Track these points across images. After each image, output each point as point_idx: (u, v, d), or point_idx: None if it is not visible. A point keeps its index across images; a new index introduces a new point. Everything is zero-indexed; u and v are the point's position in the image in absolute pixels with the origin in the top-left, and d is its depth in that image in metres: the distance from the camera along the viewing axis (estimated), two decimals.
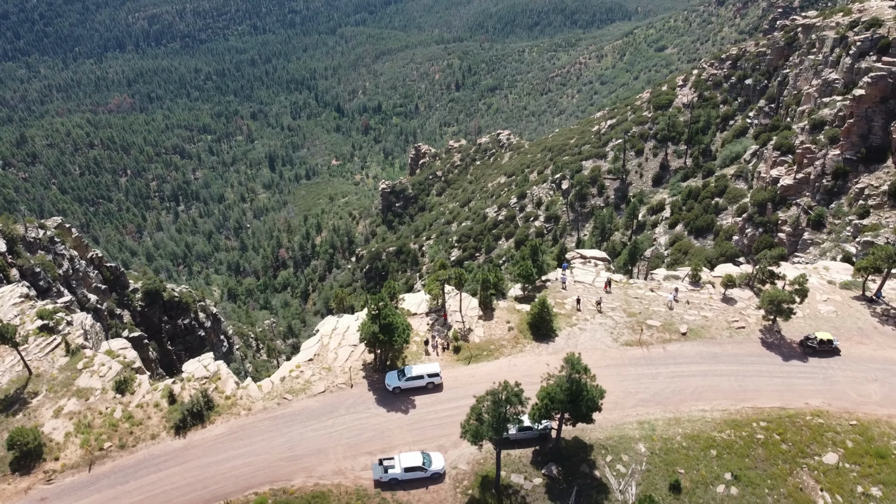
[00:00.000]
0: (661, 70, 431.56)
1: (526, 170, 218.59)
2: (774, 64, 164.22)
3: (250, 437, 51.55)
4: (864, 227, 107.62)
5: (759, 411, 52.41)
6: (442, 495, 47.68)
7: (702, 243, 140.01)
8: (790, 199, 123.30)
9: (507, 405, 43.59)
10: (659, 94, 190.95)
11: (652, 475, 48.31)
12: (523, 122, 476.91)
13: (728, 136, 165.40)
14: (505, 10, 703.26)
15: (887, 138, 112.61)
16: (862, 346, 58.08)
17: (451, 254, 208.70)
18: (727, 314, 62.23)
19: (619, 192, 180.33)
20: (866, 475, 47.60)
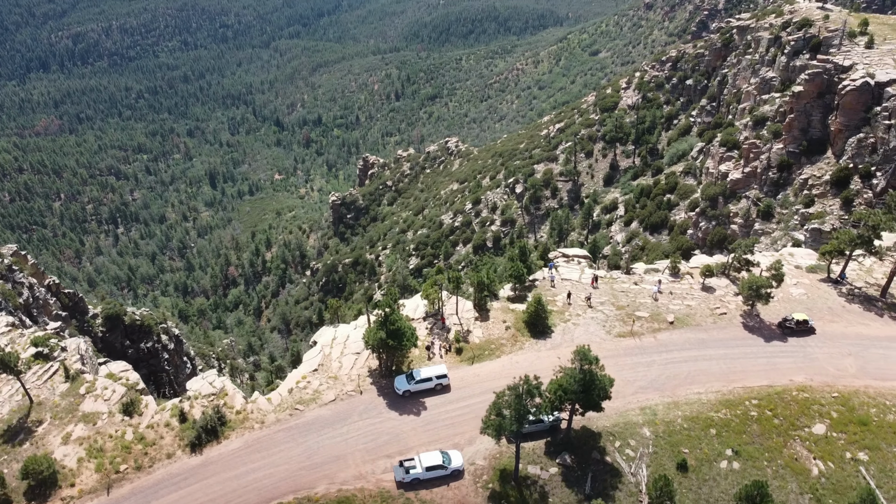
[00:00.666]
0: (597, 73, 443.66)
1: (478, 176, 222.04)
2: (713, 64, 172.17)
3: (267, 449, 52.03)
4: (811, 216, 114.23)
5: (749, 390, 55.89)
6: (464, 491, 49.27)
7: (657, 239, 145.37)
8: (739, 192, 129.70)
9: (529, 398, 45.55)
10: (604, 97, 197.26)
11: (659, 456, 51.05)
12: (465, 129, 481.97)
13: (673, 135, 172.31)
14: (439, 20, 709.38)
15: (826, 131, 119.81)
16: (834, 325, 62.50)
17: (409, 262, 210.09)
18: (708, 302, 65.94)
19: (571, 193, 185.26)
20: (853, 442, 51.48)
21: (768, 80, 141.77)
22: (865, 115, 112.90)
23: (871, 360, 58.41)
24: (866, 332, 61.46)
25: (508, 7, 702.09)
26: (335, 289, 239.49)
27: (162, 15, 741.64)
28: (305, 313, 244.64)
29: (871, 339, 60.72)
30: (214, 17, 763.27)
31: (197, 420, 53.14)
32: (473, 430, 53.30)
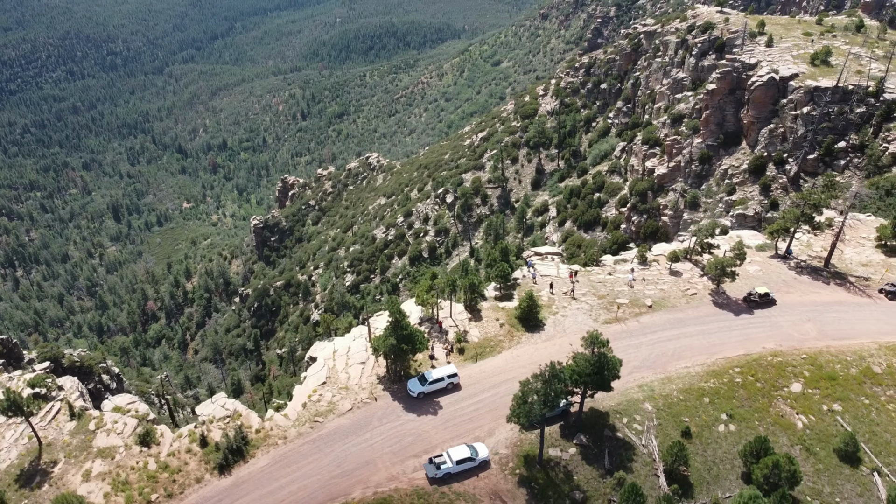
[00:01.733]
0: (501, 83, 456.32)
1: (405, 189, 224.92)
2: (624, 68, 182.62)
3: (296, 463, 52.89)
4: (734, 203, 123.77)
5: (730, 360, 61.39)
6: (493, 479, 51.94)
7: (592, 236, 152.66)
8: (666, 185, 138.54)
9: (556, 382, 48.81)
10: (523, 105, 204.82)
11: (664, 427, 55.48)
12: (376, 145, 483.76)
13: (593, 137, 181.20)
14: (338, 37, 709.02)
15: (739, 124, 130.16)
16: (790, 295, 69.31)
17: (344, 279, 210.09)
18: (678, 285, 71.54)
19: (501, 199, 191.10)
20: (826, 395, 57.68)
21: (680, 80, 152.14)
22: (774, 108, 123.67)
23: (827, 323, 65.33)
24: (818, 299, 68.62)
25: (406, 22, 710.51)
26: (268, 313, 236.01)
27: (43, 45, 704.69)
28: (238, 341, 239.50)
29: (823, 304, 67.87)
30: (101, 45, 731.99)
31: (219, 443, 53.35)
32: (491, 423, 56.17)
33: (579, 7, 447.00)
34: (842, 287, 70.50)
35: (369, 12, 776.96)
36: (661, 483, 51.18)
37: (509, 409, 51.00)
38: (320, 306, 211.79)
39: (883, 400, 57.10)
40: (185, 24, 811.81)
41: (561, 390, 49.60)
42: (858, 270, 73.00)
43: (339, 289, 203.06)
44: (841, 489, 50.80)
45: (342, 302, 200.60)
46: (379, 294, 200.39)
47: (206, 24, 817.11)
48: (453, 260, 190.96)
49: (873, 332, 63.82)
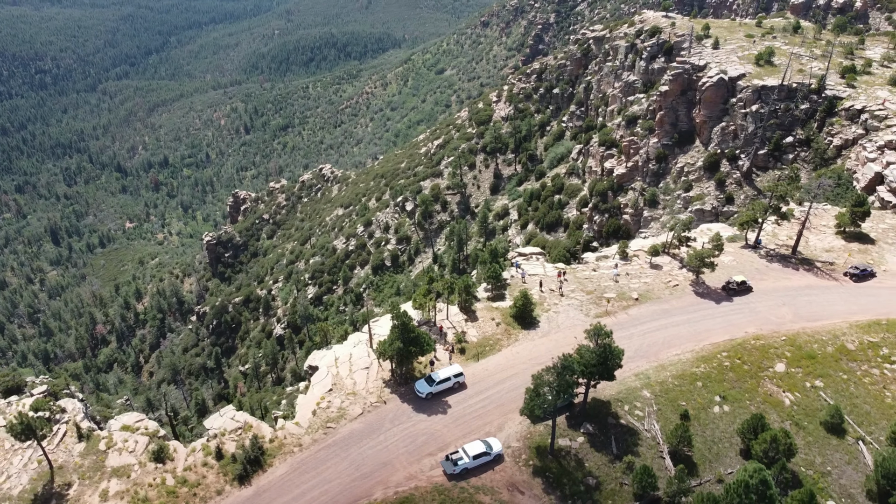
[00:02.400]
0: (446, 91, 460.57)
1: (363, 199, 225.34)
2: (575, 73, 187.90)
3: (315, 469, 53.63)
4: (692, 198, 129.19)
5: (716, 346, 64.83)
6: (509, 472, 53.77)
7: (555, 236, 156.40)
8: (626, 185, 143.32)
9: (568, 374, 50.99)
10: (478, 112, 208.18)
11: (664, 412, 58.34)
12: (323, 156, 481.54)
13: (549, 141, 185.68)
14: (277, 49, 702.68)
15: (692, 123, 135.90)
16: (764, 282, 73.46)
17: (307, 291, 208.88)
18: (660, 277, 74.91)
19: (461, 204, 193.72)
20: (808, 373, 61.57)
21: (631, 83, 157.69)
22: (724, 107, 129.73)
23: (800, 306, 69.59)
24: (790, 285, 72.97)
25: (346, 33, 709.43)
26: (228, 330, 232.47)
27: None
28: (198, 360, 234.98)
29: (795, 289, 72.22)
30: (28, 63, 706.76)
31: (236, 454, 53.69)
32: (499, 418, 58.04)
33: (519, 14, 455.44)
34: (810, 272, 75.15)
35: (308, 24, 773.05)
36: (667, 464, 53.90)
37: (523, 402, 52.95)
38: (283, 320, 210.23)
39: (859, 374, 61.32)
40: (117, 39, 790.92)
41: (572, 381, 51.80)
42: (823, 256, 77.86)
43: (302, 301, 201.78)
44: (831, 458, 54.48)
45: (305, 314, 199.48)
46: (343, 305, 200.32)
47: (139, 39, 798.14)
48: (416, 267, 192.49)
49: (843, 313, 68.33)
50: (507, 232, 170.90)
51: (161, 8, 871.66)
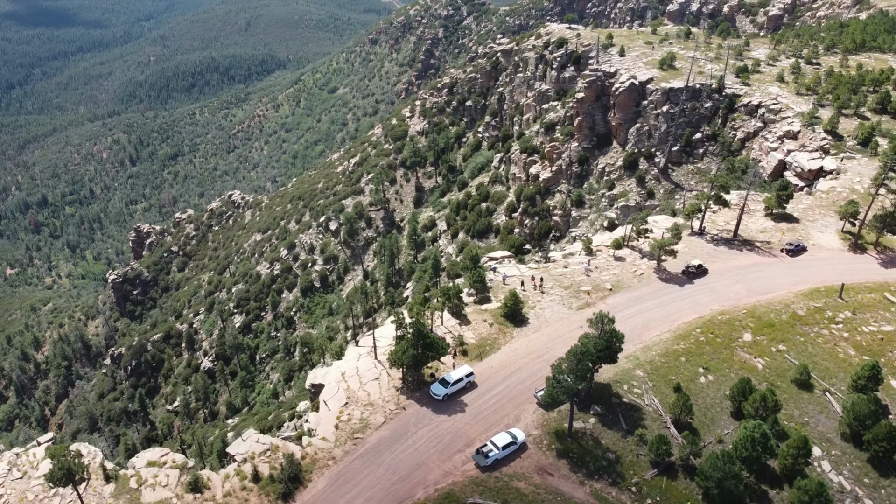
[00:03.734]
0: (341, 109, 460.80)
1: (282, 222, 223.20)
2: (486, 85, 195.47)
3: (354, 478, 55.40)
4: (616, 196, 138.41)
5: (689, 324, 71.62)
6: (535, 457, 57.72)
7: (486, 243, 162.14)
8: (552, 188, 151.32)
9: (585, 360, 55.55)
10: (393, 128, 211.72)
11: (658, 387, 64.15)
12: (218, 183, 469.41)
13: (467, 152, 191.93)
14: (155, 77, 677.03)
15: (608, 126, 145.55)
16: (716, 264, 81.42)
17: (233, 321, 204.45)
18: (626, 268, 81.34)
19: (386, 220, 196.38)
20: (772, 339, 69.35)
21: (544, 92, 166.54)
22: (637, 109, 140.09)
23: (751, 282, 77.86)
24: (739, 264, 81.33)
25: (227, 56, 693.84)
26: (149, 369, 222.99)
27: None
28: (117, 404, 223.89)
29: (744, 268, 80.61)
30: None
31: (274, 475, 54.67)
32: (514, 410, 61.92)
33: (407, 30, 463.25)
34: (752, 252, 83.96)
35: (185, 49, 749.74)
36: (672, 432, 59.59)
37: (544, 391, 57.12)
38: (210, 353, 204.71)
39: (813, 336, 69.77)
40: None
41: (589, 367, 56.51)
42: (760, 237, 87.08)
43: (231, 331, 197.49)
44: (806, 410, 61.99)
45: (235, 344, 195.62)
46: (274, 330, 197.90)
47: None
48: (347, 286, 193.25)
49: (788, 284, 77.14)
50: (438, 242, 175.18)
51: (21, 39, 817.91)
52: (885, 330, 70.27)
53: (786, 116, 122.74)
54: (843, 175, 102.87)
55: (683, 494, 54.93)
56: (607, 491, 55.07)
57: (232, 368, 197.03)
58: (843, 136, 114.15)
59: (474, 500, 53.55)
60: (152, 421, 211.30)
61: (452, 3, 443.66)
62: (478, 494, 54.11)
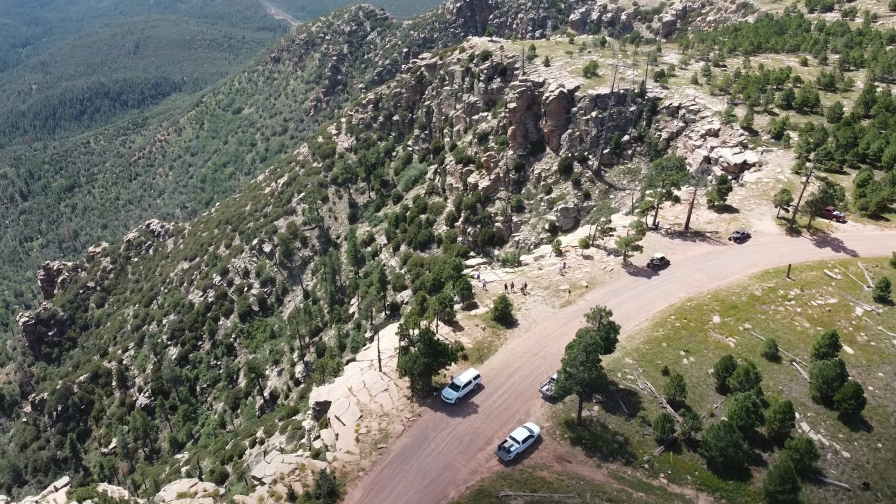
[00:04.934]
0: (248, 130, 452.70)
1: (210, 248, 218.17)
2: (412, 99, 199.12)
3: (387, 486, 57.28)
4: (555, 199, 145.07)
5: (663, 312, 77.55)
6: (551, 447, 61.43)
7: (430, 253, 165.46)
8: (492, 196, 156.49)
9: (595, 352, 59.77)
10: (320, 146, 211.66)
11: (648, 372, 69.39)
12: (122, 213, 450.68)
13: (398, 166, 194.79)
14: (39, 105, 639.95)
15: (541, 134, 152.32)
16: (674, 256, 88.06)
17: (168, 353, 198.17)
18: (596, 265, 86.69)
19: (321, 238, 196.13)
20: (738, 319, 76.22)
21: (473, 103, 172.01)
22: (567, 116, 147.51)
23: (709, 269, 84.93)
24: (694, 254, 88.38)
25: (117, 81, 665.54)
26: (77, 413, 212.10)
27: None
28: (44, 453, 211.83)
29: (700, 257, 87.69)
30: None
31: (310, 492, 55.86)
32: (523, 406, 65.40)
33: (311, 47, 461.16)
34: (704, 242, 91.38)
35: (70, 75, 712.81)
36: (669, 411, 64.85)
37: (549, 385, 61.10)
38: (146, 388, 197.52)
39: (771, 313, 77.20)
40: None
41: (599, 358, 60.85)
42: (708, 227, 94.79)
43: (167, 364, 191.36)
44: (778, 380, 68.79)
45: (173, 377, 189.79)
46: (213, 359, 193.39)
47: None
48: (287, 307, 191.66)
49: (741, 269, 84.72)
50: (379, 256, 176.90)
51: None
52: (831, 303, 78.68)
53: (705, 116, 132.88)
54: (766, 167, 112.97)
55: (690, 466, 60.10)
56: (623, 470, 59.48)
57: (171, 402, 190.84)
58: (758, 132, 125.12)
59: (505, 493, 56.65)
60: (86, 466, 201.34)
61: (355, 19, 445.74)
62: (507, 487, 57.24)
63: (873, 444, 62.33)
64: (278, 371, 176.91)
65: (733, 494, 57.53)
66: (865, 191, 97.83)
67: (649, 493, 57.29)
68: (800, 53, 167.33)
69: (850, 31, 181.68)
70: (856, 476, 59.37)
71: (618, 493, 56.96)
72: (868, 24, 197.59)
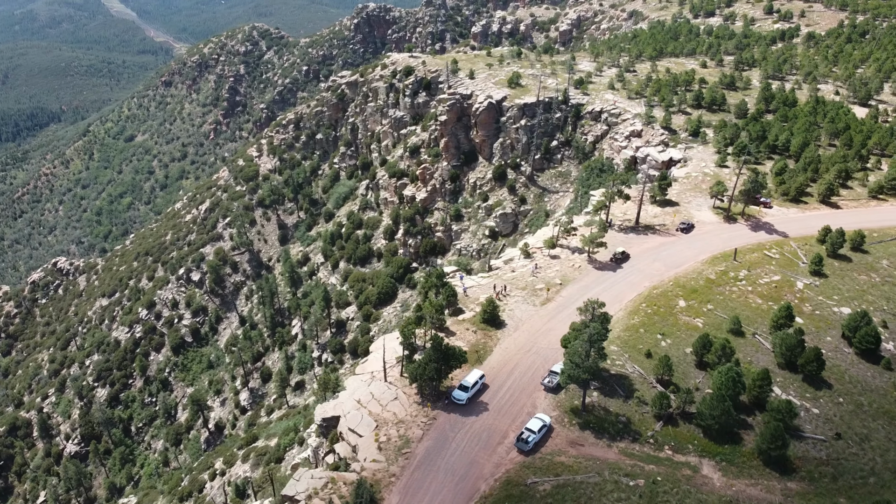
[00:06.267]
0: (144, 157, 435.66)
1: (131, 282, 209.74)
2: (335, 117, 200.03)
3: (421, 488, 59.51)
4: (492, 206, 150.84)
5: (633, 301, 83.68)
6: (563, 434, 65.58)
7: (370, 268, 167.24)
8: (430, 207, 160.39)
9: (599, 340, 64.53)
10: (242, 169, 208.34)
11: (633, 356, 75.04)
12: (9, 254, 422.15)
13: (326, 184, 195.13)
14: None
15: (472, 144, 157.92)
16: (632, 249, 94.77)
17: (95, 395, 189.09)
18: (564, 264, 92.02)
19: (252, 262, 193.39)
20: (700, 301, 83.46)
21: (400, 118, 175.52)
22: (497, 126, 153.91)
23: (665, 259, 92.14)
24: (649, 246, 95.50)
25: None
26: None
27: None
28: None
29: (654, 248, 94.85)
30: None
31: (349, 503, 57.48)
32: (529, 399, 69.20)
33: (204, 70, 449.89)
34: (655, 234, 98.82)
35: None
36: (659, 389, 70.66)
37: (564, 375, 65.46)
38: (74, 435, 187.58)
39: (728, 293, 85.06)
40: None
41: (603, 347, 65.75)
42: (655, 221, 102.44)
43: (97, 407, 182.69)
44: (746, 352, 76.11)
45: (104, 420, 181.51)
46: (148, 396, 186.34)
47: None
48: (222, 335, 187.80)
49: (692, 257, 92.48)
50: (317, 275, 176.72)
51: None
52: (775, 279, 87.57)
53: (626, 118, 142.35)
54: (691, 162, 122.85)
55: (689, 436, 65.95)
56: (631, 447, 64.53)
57: (105, 446, 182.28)
58: (677, 130, 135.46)
59: (532, 480, 60.36)
60: None
61: (250, 39, 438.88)
62: (532, 475, 60.94)
63: (836, 399, 70.50)
64: (221, 401, 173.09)
65: (731, 456, 63.73)
66: (784, 178, 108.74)
67: (658, 464, 62.56)
68: (697, 57, 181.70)
69: (736, 34, 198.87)
70: (827, 428, 67.06)
71: (632, 468, 61.85)
72: (747, 26, 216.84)
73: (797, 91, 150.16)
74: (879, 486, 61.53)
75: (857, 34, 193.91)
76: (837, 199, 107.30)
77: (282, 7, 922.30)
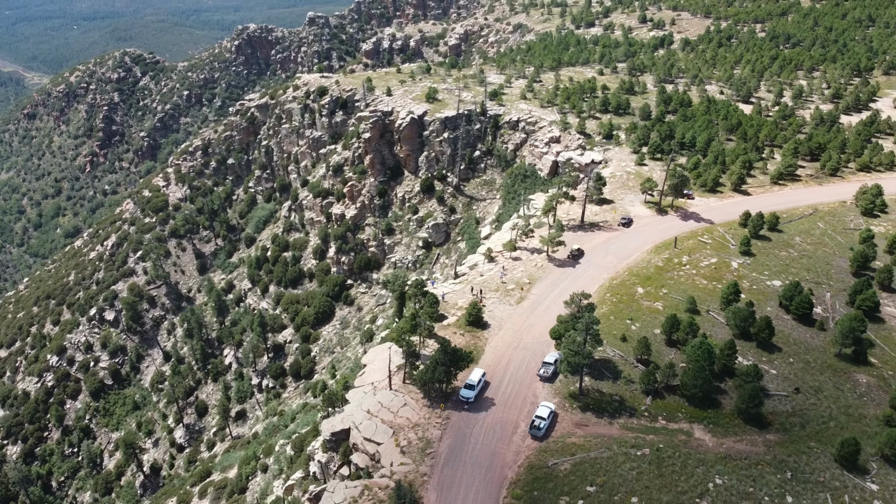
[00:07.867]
0: (12, 196, 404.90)
1: (32, 329, 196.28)
2: (246, 141, 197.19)
3: (453, 483, 62.70)
4: (423, 218, 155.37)
5: (598, 291, 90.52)
6: (568, 418, 70.90)
7: (303, 289, 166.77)
8: (360, 223, 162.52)
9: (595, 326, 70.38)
10: (150, 200, 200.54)
11: (611, 341, 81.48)
12: None
13: (242, 209, 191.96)
14: None
15: (397, 159, 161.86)
16: (584, 245, 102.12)
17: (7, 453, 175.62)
18: (527, 264, 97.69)
19: (171, 294, 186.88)
20: (656, 287, 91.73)
21: (318, 138, 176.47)
22: (421, 140, 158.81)
23: (615, 251, 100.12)
24: (598, 242, 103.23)
25: None
26: None
27: None
28: None
29: (603, 243, 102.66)
30: None
31: None
32: (529, 390, 74.11)
33: (73, 99, 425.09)
34: (600, 231, 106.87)
35: None
36: (640, 368, 77.74)
37: (563, 363, 70.90)
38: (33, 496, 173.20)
39: (677, 277, 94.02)
40: None
41: (598, 332, 71.76)
42: (597, 218, 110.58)
43: (12, 466, 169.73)
44: (704, 327, 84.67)
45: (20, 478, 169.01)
46: (68, 447, 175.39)
47: None
48: (146, 373, 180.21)
49: (637, 248, 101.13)
50: (245, 301, 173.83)
51: None
52: (713, 262, 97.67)
53: (542, 126, 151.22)
54: (611, 163, 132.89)
55: (676, 406, 73.22)
56: (630, 422, 70.89)
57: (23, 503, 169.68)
58: (591, 134, 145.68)
59: (553, 462, 65.29)
60: None
61: (122, 65, 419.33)
62: (550, 458, 65.85)
63: (787, 360, 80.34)
64: (153, 441, 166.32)
65: (715, 419, 71.51)
66: (700, 171, 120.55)
67: (657, 434, 69.25)
68: (592, 65, 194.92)
69: (621, 43, 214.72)
70: (787, 385, 76.51)
71: (635, 440, 68.16)
72: (626, 35, 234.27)
73: (689, 92, 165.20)
74: (839, 427, 71.17)
75: (725, 38, 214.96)
76: (746, 186, 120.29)
77: (142, 31, 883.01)
